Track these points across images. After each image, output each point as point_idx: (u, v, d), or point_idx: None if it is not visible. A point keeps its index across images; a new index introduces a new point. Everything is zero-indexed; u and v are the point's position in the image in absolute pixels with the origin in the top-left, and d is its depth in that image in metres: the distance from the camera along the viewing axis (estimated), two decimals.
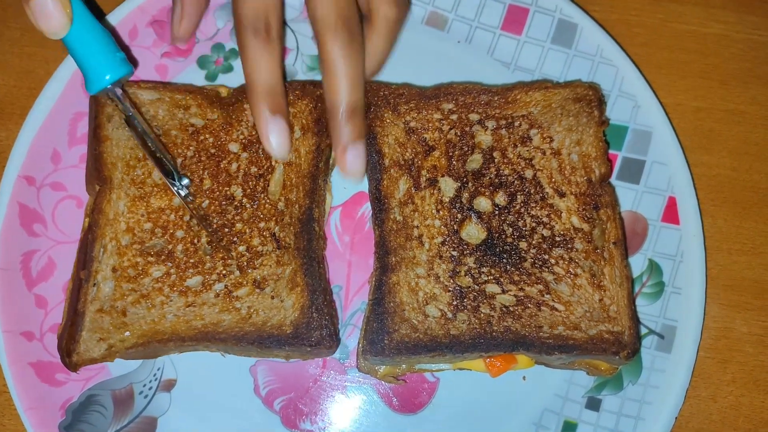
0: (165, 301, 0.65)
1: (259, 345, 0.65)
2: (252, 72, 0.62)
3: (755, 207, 0.78)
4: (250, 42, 0.62)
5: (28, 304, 0.70)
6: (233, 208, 0.68)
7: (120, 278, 0.65)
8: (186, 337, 0.65)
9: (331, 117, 0.63)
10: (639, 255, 0.73)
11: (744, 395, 0.74)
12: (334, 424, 0.70)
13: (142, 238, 0.67)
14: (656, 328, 0.72)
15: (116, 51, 0.61)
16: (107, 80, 0.60)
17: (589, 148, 0.71)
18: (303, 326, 0.65)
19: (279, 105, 0.64)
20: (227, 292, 0.66)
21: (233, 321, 0.65)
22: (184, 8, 0.68)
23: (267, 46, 0.62)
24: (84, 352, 0.63)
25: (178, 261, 0.66)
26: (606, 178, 0.71)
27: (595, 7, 0.81)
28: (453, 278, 0.66)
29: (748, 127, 0.80)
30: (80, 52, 0.59)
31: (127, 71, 0.61)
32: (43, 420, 0.67)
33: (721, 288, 0.76)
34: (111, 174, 0.67)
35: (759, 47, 0.81)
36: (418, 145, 0.69)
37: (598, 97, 0.72)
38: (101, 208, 0.66)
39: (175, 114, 0.70)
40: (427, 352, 0.64)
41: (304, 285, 0.66)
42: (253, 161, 0.69)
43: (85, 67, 0.60)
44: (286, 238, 0.67)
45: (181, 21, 0.68)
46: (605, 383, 0.71)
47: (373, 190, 0.68)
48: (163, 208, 0.67)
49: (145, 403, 0.70)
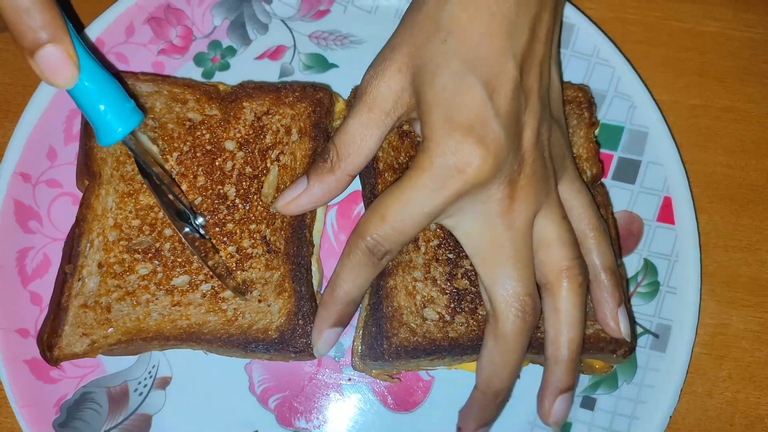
0: (150, 299, 0.65)
1: (244, 348, 0.65)
2: (344, 281, 0.62)
3: (751, 204, 0.78)
4: (359, 257, 0.61)
5: (23, 302, 0.70)
6: (225, 207, 0.68)
7: (106, 274, 0.65)
8: (171, 336, 0.64)
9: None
10: (634, 255, 0.73)
11: (740, 391, 0.74)
12: (329, 422, 0.70)
13: (129, 234, 0.66)
14: (651, 327, 0.72)
15: (126, 100, 0.58)
16: (120, 133, 0.57)
17: (580, 149, 0.71)
18: (288, 332, 0.65)
19: (346, 319, 0.64)
20: (214, 293, 0.66)
21: (219, 322, 0.65)
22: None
23: (373, 269, 0.62)
24: (66, 347, 0.63)
25: (165, 259, 0.66)
26: (598, 179, 0.71)
27: (591, 5, 0.80)
28: (450, 281, 0.66)
29: (744, 125, 0.80)
30: (89, 105, 0.56)
31: (139, 121, 0.58)
32: (37, 417, 0.67)
33: (718, 285, 0.76)
34: (100, 169, 0.67)
35: (755, 45, 0.81)
36: (411, 148, 0.69)
37: (588, 99, 0.72)
38: (89, 203, 0.66)
39: (173, 108, 0.69)
40: (426, 355, 0.64)
41: (291, 291, 0.66)
42: (248, 161, 0.69)
43: (94, 120, 0.57)
44: (276, 243, 0.67)
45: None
46: (600, 382, 0.71)
47: (368, 194, 0.67)
48: (151, 205, 0.67)
49: (140, 400, 0.70)
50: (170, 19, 0.74)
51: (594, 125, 0.71)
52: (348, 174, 0.63)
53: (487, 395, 0.62)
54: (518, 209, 0.60)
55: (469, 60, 0.58)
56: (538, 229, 0.61)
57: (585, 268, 0.63)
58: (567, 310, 0.61)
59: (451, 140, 0.58)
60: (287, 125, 0.70)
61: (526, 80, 0.60)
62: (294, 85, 0.71)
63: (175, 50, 0.75)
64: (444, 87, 0.58)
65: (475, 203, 0.60)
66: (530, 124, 0.60)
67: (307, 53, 0.76)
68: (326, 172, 0.63)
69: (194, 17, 0.75)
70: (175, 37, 0.75)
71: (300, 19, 0.75)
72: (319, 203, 0.66)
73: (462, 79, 0.58)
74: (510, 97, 0.58)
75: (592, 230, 0.64)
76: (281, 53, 0.75)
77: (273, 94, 0.70)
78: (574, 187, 0.65)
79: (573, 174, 0.65)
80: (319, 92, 0.70)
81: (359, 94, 0.63)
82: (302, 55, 0.76)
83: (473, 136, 0.57)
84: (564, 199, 0.64)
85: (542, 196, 0.61)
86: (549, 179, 0.62)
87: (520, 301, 0.59)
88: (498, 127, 0.58)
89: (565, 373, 0.62)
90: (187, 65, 0.75)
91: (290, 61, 0.75)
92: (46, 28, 0.50)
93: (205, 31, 0.75)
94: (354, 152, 0.62)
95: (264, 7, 0.75)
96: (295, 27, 0.76)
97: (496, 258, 0.60)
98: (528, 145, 0.60)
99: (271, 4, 0.75)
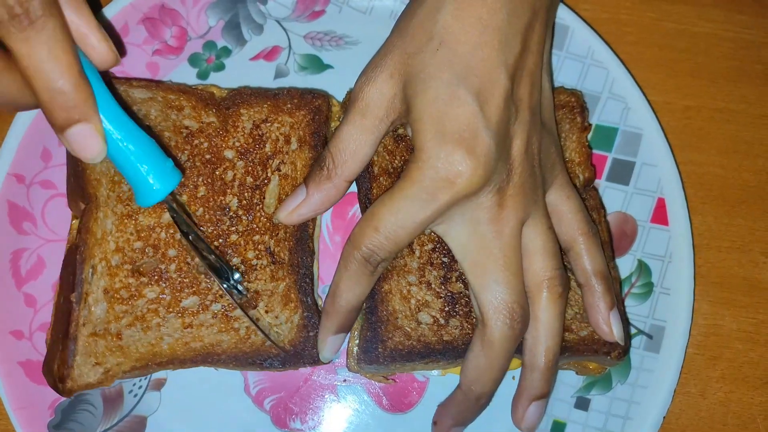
0: (161, 322, 0.64)
1: (259, 365, 0.64)
2: (344, 291, 0.62)
3: (744, 205, 0.78)
4: (356, 267, 0.61)
5: (17, 303, 0.69)
6: (228, 218, 0.67)
7: (113, 300, 0.64)
8: (186, 359, 0.64)
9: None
10: (628, 256, 0.74)
11: (733, 391, 0.75)
12: (324, 423, 0.71)
13: (132, 257, 0.65)
14: (645, 328, 0.72)
15: (165, 160, 0.57)
16: (161, 195, 0.57)
17: (573, 154, 0.71)
18: (300, 344, 0.65)
19: (348, 325, 0.64)
20: (225, 313, 0.65)
21: (232, 341, 0.65)
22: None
23: (370, 278, 0.62)
24: (78, 377, 0.61)
25: (173, 281, 0.65)
26: (590, 183, 0.71)
27: (586, 6, 0.81)
28: (444, 284, 0.66)
29: (737, 126, 0.80)
30: (129, 166, 0.56)
31: (179, 180, 0.58)
32: (32, 419, 0.67)
33: (711, 285, 0.77)
34: (96, 191, 0.65)
35: (748, 46, 0.81)
36: (406, 152, 0.69)
37: (580, 104, 0.72)
38: (88, 227, 0.64)
39: (168, 115, 0.68)
40: (421, 358, 0.64)
41: (297, 301, 0.66)
42: (248, 171, 0.68)
43: (135, 181, 0.56)
44: (280, 253, 0.67)
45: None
46: (594, 383, 0.72)
47: (363, 198, 0.67)
48: (152, 226, 0.66)
49: (134, 402, 0.69)
50: (165, 20, 0.74)
51: (586, 129, 0.71)
52: (345, 180, 0.64)
53: (468, 397, 0.63)
54: (506, 217, 0.60)
55: (461, 71, 0.59)
56: (523, 239, 0.62)
57: (566, 279, 0.63)
58: (545, 320, 0.62)
59: (442, 151, 0.58)
60: (286, 134, 0.69)
61: (517, 91, 0.60)
62: (292, 91, 0.70)
63: (169, 51, 0.75)
64: (436, 97, 0.59)
65: (464, 211, 0.60)
66: (520, 134, 0.61)
67: (302, 54, 0.75)
68: (324, 180, 0.64)
69: (189, 17, 0.74)
70: (170, 38, 0.75)
71: (295, 20, 0.75)
72: (320, 211, 0.66)
73: (453, 89, 0.58)
74: (501, 108, 0.59)
75: (581, 235, 0.65)
76: (276, 54, 0.75)
77: (270, 101, 0.69)
78: (564, 194, 0.66)
79: (563, 180, 0.66)
80: (317, 99, 0.70)
81: (352, 100, 0.63)
82: (297, 56, 0.75)
83: (464, 147, 0.58)
84: (554, 205, 0.65)
85: (530, 205, 0.62)
86: (537, 189, 0.62)
87: (508, 308, 0.60)
88: (488, 138, 0.58)
89: (540, 380, 0.63)
90: (181, 66, 0.75)
91: (285, 62, 0.75)
92: (77, 108, 0.50)
93: (200, 31, 0.75)
94: (350, 158, 0.63)
95: (259, 7, 0.75)
96: (290, 28, 0.75)
97: (486, 264, 0.61)
98: (517, 154, 0.60)
99: (266, 4, 0.75)
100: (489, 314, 0.60)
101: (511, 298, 0.60)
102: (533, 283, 0.62)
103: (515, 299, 0.60)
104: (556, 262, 0.63)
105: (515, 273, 0.61)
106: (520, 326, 0.61)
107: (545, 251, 0.62)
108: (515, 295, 0.60)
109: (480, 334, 0.61)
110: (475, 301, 0.62)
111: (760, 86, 0.80)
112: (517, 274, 0.61)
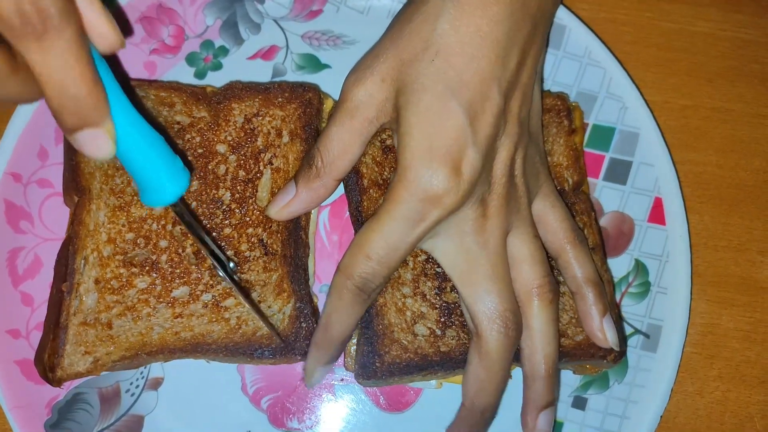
0: (151, 312, 0.65)
1: (250, 355, 0.64)
2: (336, 322, 0.61)
3: (741, 204, 0.78)
4: (350, 298, 0.60)
5: (14, 302, 0.69)
6: (221, 212, 0.67)
7: (104, 290, 0.64)
8: (175, 349, 0.64)
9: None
10: (625, 255, 0.74)
11: (730, 390, 0.75)
12: (321, 422, 0.71)
13: (124, 248, 0.65)
14: (642, 327, 0.72)
15: (174, 160, 0.55)
16: (172, 196, 0.56)
17: (561, 157, 0.71)
18: (292, 336, 0.65)
19: (338, 356, 0.64)
20: (215, 303, 0.66)
21: (222, 331, 0.65)
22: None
23: (363, 305, 0.61)
24: (68, 367, 0.62)
25: (163, 272, 0.65)
26: (579, 186, 0.71)
27: (583, 5, 0.81)
28: (439, 295, 0.66)
29: (734, 125, 0.80)
30: (137, 165, 0.54)
31: (188, 180, 0.56)
32: (28, 418, 0.67)
33: (708, 284, 0.77)
34: (89, 184, 0.66)
35: (745, 45, 0.81)
36: (395, 163, 0.68)
37: (567, 107, 0.72)
38: (81, 219, 0.65)
39: (160, 111, 0.69)
40: (419, 371, 0.64)
41: (290, 291, 0.66)
42: (241, 165, 0.68)
43: (143, 182, 0.55)
44: (273, 245, 0.67)
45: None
46: (591, 382, 0.72)
47: (354, 211, 0.67)
48: (144, 217, 0.66)
49: (131, 401, 0.69)
50: (162, 19, 0.74)
51: (574, 132, 0.71)
52: (334, 179, 0.64)
53: (474, 412, 0.63)
54: (491, 227, 0.60)
55: (454, 84, 0.58)
56: (510, 248, 0.62)
57: (555, 285, 0.63)
58: (539, 327, 0.62)
59: (429, 169, 0.58)
60: (278, 127, 0.70)
61: (508, 105, 0.60)
62: (282, 85, 0.70)
63: (167, 50, 0.75)
64: (427, 109, 0.58)
65: (449, 225, 0.60)
66: (506, 146, 0.60)
67: (299, 53, 0.75)
68: (313, 178, 0.64)
69: (186, 17, 0.74)
70: (167, 37, 0.75)
71: (292, 19, 0.75)
72: (310, 207, 0.66)
73: (445, 103, 0.58)
74: (491, 125, 0.59)
75: (568, 243, 0.65)
76: (274, 53, 0.75)
77: (262, 94, 0.70)
78: (549, 202, 0.65)
79: (548, 190, 0.66)
80: (308, 92, 0.70)
81: (341, 99, 0.63)
82: (295, 55, 0.75)
83: (449, 165, 0.57)
84: (540, 214, 0.65)
85: (514, 214, 0.62)
86: (520, 198, 0.62)
87: (502, 317, 0.60)
88: (475, 153, 0.58)
89: (544, 389, 0.63)
90: (179, 65, 0.75)
91: (283, 62, 0.75)
92: (89, 113, 0.48)
93: (198, 30, 0.75)
94: (338, 158, 0.63)
95: (256, 6, 0.75)
96: (287, 27, 0.75)
97: (475, 276, 0.61)
98: (500, 166, 0.60)
99: (263, 4, 0.75)
100: (483, 325, 0.60)
101: (502, 306, 0.60)
102: (523, 291, 0.62)
103: (507, 307, 0.60)
104: (544, 270, 0.63)
105: (504, 281, 0.61)
106: (515, 333, 0.61)
107: (532, 259, 0.62)
108: (506, 303, 0.60)
109: (476, 346, 0.61)
110: (468, 313, 0.62)
111: (758, 85, 0.80)
112: (506, 283, 0.61)
